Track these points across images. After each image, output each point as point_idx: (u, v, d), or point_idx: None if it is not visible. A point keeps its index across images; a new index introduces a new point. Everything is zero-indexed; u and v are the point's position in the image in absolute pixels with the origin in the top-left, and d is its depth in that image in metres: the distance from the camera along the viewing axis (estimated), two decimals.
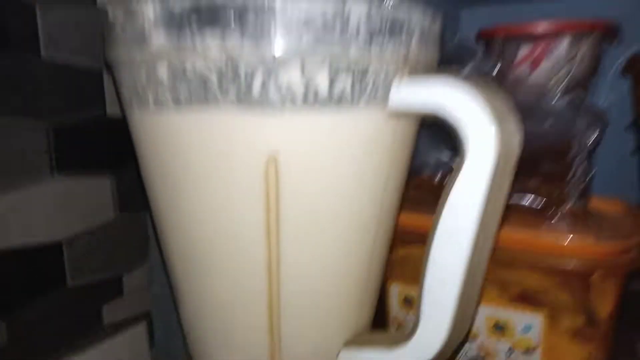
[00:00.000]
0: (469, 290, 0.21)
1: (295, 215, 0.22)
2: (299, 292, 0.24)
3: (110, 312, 0.41)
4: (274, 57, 0.18)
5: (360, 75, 0.20)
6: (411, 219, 0.37)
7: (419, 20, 0.21)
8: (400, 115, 0.22)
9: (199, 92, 0.19)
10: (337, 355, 0.26)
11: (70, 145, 0.34)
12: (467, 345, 0.37)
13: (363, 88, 0.20)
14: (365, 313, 0.27)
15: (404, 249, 0.39)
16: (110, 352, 0.40)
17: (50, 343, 0.34)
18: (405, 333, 0.25)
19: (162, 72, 0.20)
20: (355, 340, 0.26)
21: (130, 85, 0.22)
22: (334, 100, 0.20)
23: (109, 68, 0.35)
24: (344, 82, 0.20)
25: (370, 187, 0.23)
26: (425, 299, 0.22)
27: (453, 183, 0.20)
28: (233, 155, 0.21)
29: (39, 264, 0.33)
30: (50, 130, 0.32)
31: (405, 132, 0.23)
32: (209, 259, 0.23)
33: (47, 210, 0.33)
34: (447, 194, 0.20)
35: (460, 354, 0.38)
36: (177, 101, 0.20)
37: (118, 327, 0.42)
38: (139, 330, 0.45)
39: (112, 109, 0.41)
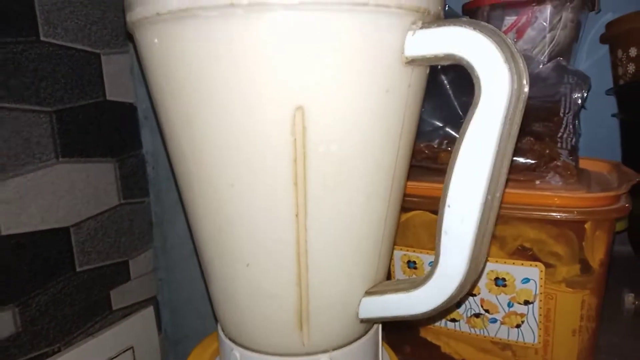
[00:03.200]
0: (484, 225, 0.23)
1: (321, 165, 0.23)
2: (325, 241, 0.25)
3: (119, 297, 0.41)
4: None
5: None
6: (411, 186, 0.38)
7: None
8: (415, 62, 0.23)
9: None
10: (360, 302, 0.27)
11: (73, 131, 0.34)
12: (470, 301, 0.39)
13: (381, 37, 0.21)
14: (382, 265, 0.28)
15: (405, 215, 0.40)
16: (120, 336, 0.40)
17: (62, 328, 0.34)
18: (421, 278, 0.26)
19: None
20: (376, 289, 0.27)
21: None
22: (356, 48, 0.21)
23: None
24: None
25: (388, 132, 0.24)
26: (443, 238, 0.24)
27: (469, 121, 0.21)
28: (260, 107, 0.22)
29: (48, 249, 0.33)
30: (54, 116, 0.32)
31: (418, 80, 0.24)
32: (235, 211, 0.24)
33: (54, 195, 0.33)
34: (464, 132, 0.22)
35: (463, 309, 0.39)
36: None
37: (126, 311, 0.42)
38: (147, 315, 0.45)
39: (112, 93, 0.41)
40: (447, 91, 0.43)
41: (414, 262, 0.41)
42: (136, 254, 0.43)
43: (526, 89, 0.21)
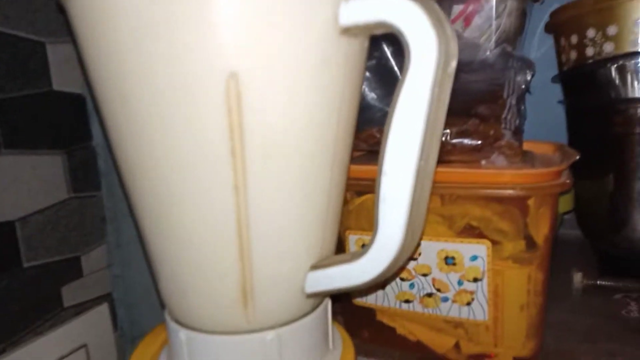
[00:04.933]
0: (419, 191, 0.23)
1: (259, 135, 0.23)
2: (266, 215, 0.24)
3: (70, 294, 0.40)
4: None
5: None
6: (363, 171, 0.38)
7: None
8: (350, 31, 0.23)
9: None
10: (305, 277, 0.27)
11: (18, 122, 0.33)
12: (422, 281, 0.39)
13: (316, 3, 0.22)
14: (328, 239, 0.28)
15: (358, 199, 0.41)
16: (72, 334, 0.39)
17: (7, 327, 0.32)
18: (363, 249, 0.26)
19: None
20: (320, 263, 0.27)
21: None
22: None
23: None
24: None
25: (327, 104, 0.24)
26: (381, 206, 0.24)
27: (400, 88, 0.22)
28: (192, 74, 0.21)
29: None
30: None
31: (356, 51, 0.25)
32: (173, 185, 0.24)
33: None
34: (396, 99, 0.22)
35: (415, 290, 0.40)
36: None
37: (79, 308, 0.41)
38: (101, 312, 0.44)
39: (58, 84, 0.40)
40: (397, 76, 0.43)
41: None
42: (88, 250, 0.41)
43: (455, 54, 0.22)
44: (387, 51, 0.43)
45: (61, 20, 0.41)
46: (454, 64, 0.22)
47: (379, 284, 0.25)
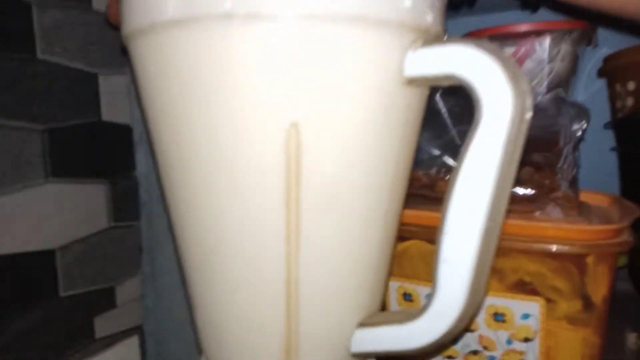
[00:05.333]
0: (485, 253, 0.21)
1: (315, 185, 0.22)
2: (318, 267, 0.23)
3: (103, 325, 0.39)
4: None
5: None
6: (408, 215, 0.37)
7: None
8: (415, 82, 0.22)
9: None
10: (352, 335, 0.25)
11: (65, 150, 0.33)
12: (467, 337, 0.37)
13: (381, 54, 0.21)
14: (377, 295, 0.27)
15: (401, 244, 0.39)
16: None
17: (41, 355, 0.32)
18: (418, 310, 0.25)
19: None
20: (369, 320, 0.26)
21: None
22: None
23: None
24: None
25: (386, 153, 0.23)
26: (441, 269, 0.22)
27: (469, 144, 0.21)
28: (253, 122, 0.21)
29: (31, 272, 0.31)
30: (46, 134, 0.31)
31: (417, 100, 0.24)
32: (222, 231, 0.23)
33: (40, 216, 0.32)
34: (464, 155, 0.21)
35: (460, 346, 0.37)
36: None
37: (110, 340, 0.40)
38: (131, 345, 0.43)
39: (107, 114, 0.40)
40: (444, 120, 0.42)
41: (410, 295, 0.39)
42: (123, 280, 0.41)
43: (530, 111, 0.21)
44: (437, 93, 0.42)
45: (115, 52, 0.41)
46: (528, 119, 0.21)
47: (432, 351, 0.24)
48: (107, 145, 0.39)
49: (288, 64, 0.20)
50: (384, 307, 0.41)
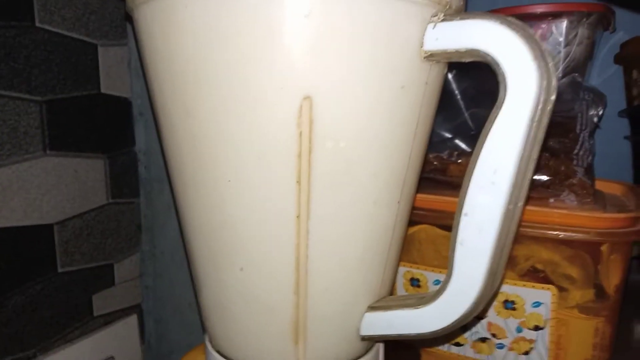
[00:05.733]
0: (504, 236, 0.21)
1: (328, 162, 0.21)
2: (327, 246, 0.22)
3: (101, 303, 0.39)
4: None
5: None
6: (417, 198, 0.36)
7: None
8: (435, 57, 0.21)
9: None
10: (362, 318, 0.24)
11: (64, 123, 0.32)
12: (476, 325, 0.36)
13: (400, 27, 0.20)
14: (387, 278, 0.26)
15: (410, 229, 0.38)
16: (100, 344, 0.38)
17: (39, 332, 0.31)
18: (432, 293, 0.24)
19: None
20: (380, 304, 0.25)
21: None
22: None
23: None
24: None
25: (402, 131, 0.22)
26: (458, 250, 0.22)
27: (492, 122, 0.20)
28: (263, 92, 0.20)
29: (29, 247, 0.31)
30: (44, 106, 0.30)
31: (436, 77, 0.23)
32: (230, 207, 0.22)
33: (39, 190, 0.31)
34: (486, 134, 0.20)
35: (468, 333, 0.37)
36: None
37: (108, 318, 0.40)
38: (130, 323, 0.43)
39: (106, 87, 0.39)
40: (457, 102, 0.41)
41: (418, 280, 0.38)
42: (122, 258, 0.40)
43: (555, 92, 0.20)
44: (449, 74, 0.41)
45: (115, 22, 0.40)
46: (553, 99, 0.20)
47: (443, 336, 0.23)
48: (106, 119, 0.38)
49: (303, 37, 0.19)
50: (391, 293, 0.40)
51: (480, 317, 0.36)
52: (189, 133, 0.22)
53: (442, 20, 0.21)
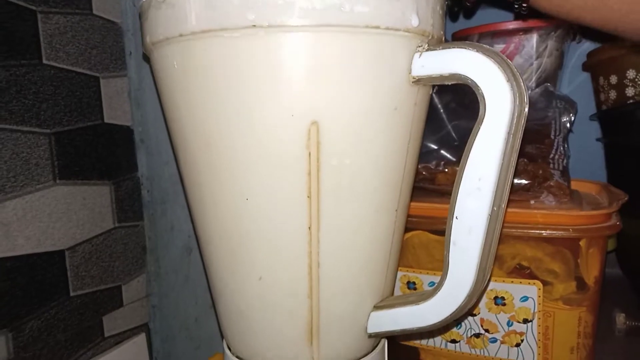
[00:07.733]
0: (491, 235, 0.23)
1: (333, 178, 0.23)
2: (336, 254, 0.25)
3: (111, 323, 0.40)
4: None
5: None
6: (410, 207, 0.38)
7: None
8: (422, 81, 0.24)
9: None
10: (368, 317, 0.27)
11: (71, 153, 0.34)
12: (469, 321, 0.39)
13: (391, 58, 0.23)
14: (389, 280, 0.29)
15: (404, 235, 0.41)
16: None
17: (54, 355, 0.33)
18: (431, 290, 0.27)
19: None
20: (384, 303, 0.28)
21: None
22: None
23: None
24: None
25: (396, 149, 0.25)
26: (452, 249, 0.24)
27: (475, 136, 0.23)
28: (277, 121, 0.23)
29: (43, 273, 0.32)
30: (53, 138, 0.32)
31: (423, 98, 0.26)
32: (249, 225, 0.24)
33: (50, 218, 0.33)
34: (470, 146, 0.23)
35: (463, 330, 0.39)
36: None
37: (118, 338, 0.41)
38: (139, 342, 0.44)
39: (109, 116, 0.41)
40: (441, 115, 0.44)
41: (414, 283, 0.41)
42: (129, 279, 0.42)
43: (526, 106, 0.23)
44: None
45: (115, 55, 0.42)
46: (526, 110, 0.23)
47: (441, 328, 0.26)
48: (110, 147, 0.40)
49: (308, 70, 0.22)
50: (392, 294, 0.42)
51: (473, 313, 0.38)
52: (208, 160, 0.25)
53: (427, 50, 0.24)
